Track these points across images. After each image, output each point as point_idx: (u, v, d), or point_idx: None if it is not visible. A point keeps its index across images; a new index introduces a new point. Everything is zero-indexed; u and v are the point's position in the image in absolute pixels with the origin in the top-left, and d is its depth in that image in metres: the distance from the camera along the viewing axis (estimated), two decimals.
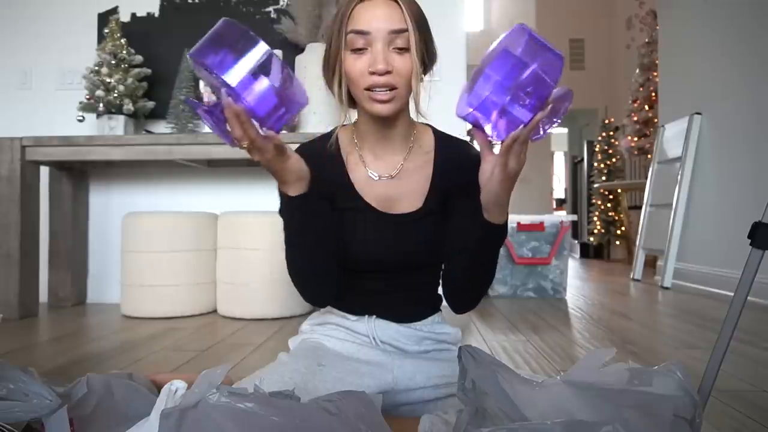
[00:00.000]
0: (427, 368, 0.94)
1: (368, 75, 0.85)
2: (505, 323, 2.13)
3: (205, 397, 0.55)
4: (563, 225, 2.90)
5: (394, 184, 0.96)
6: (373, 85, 0.85)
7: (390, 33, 0.85)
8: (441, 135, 1.01)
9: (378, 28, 0.85)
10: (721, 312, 2.38)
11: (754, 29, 2.84)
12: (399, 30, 0.85)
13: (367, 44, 0.86)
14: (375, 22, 0.85)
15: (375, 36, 0.85)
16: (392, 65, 0.85)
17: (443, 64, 2.58)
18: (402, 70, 0.86)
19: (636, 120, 4.97)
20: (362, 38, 0.85)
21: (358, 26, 0.85)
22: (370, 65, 0.85)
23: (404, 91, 0.88)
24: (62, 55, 2.68)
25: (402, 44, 0.86)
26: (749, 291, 0.85)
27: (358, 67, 0.86)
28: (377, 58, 0.84)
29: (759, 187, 2.75)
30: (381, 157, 0.97)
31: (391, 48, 0.86)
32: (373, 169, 0.97)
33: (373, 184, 0.96)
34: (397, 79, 0.86)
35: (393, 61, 0.85)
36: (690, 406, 0.59)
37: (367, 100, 0.87)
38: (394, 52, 0.86)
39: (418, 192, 0.96)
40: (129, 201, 2.63)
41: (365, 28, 0.85)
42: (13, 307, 2.15)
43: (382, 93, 0.86)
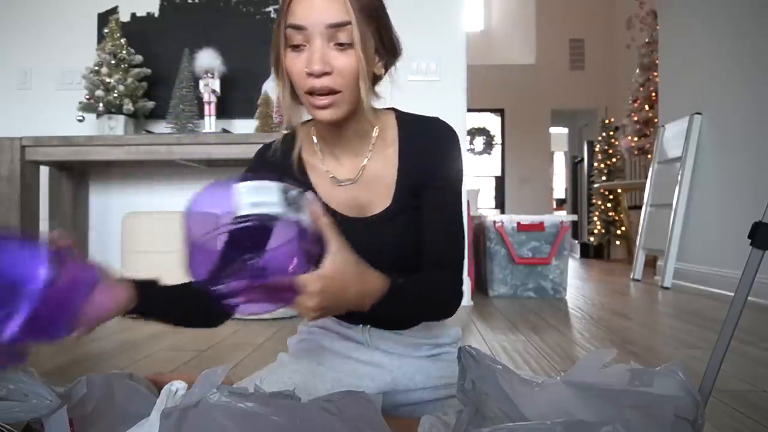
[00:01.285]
0: (427, 369, 0.94)
1: (306, 76, 0.76)
2: (505, 323, 2.13)
3: (205, 397, 0.55)
4: (563, 225, 2.90)
5: (359, 187, 0.89)
6: (312, 89, 0.76)
7: (328, 27, 0.75)
8: (404, 120, 0.91)
9: (314, 23, 0.75)
10: (721, 312, 2.37)
11: (754, 29, 2.84)
12: (339, 24, 0.75)
13: (306, 40, 0.76)
14: (312, 16, 0.75)
15: (311, 31, 0.75)
16: (332, 65, 0.75)
17: (443, 64, 2.61)
18: (344, 70, 0.76)
19: (636, 120, 4.97)
20: (299, 34, 0.76)
21: (294, 20, 0.76)
22: (306, 65, 0.76)
23: (349, 94, 0.78)
24: (62, 55, 2.68)
25: (344, 39, 0.75)
26: (749, 291, 0.85)
27: (297, 66, 0.77)
28: (313, 57, 0.75)
29: (759, 187, 2.74)
30: (341, 159, 0.89)
31: (332, 44, 0.76)
32: (334, 173, 0.89)
33: (337, 189, 0.89)
34: (338, 81, 0.76)
35: (333, 59, 0.76)
36: (692, 407, 0.59)
37: (308, 105, 0.79)
38: (334, 49, 0.76)
39: (387, 190, 0.88)
40: (129, 201, 2.63)
41: (301, 23, 0.75)
42: None
43: (321, 98, 0.77)
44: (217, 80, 2.40)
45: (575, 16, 7.20)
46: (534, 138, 7.50)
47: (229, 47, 2.51)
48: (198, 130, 2.40)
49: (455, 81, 2.58)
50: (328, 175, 0.89)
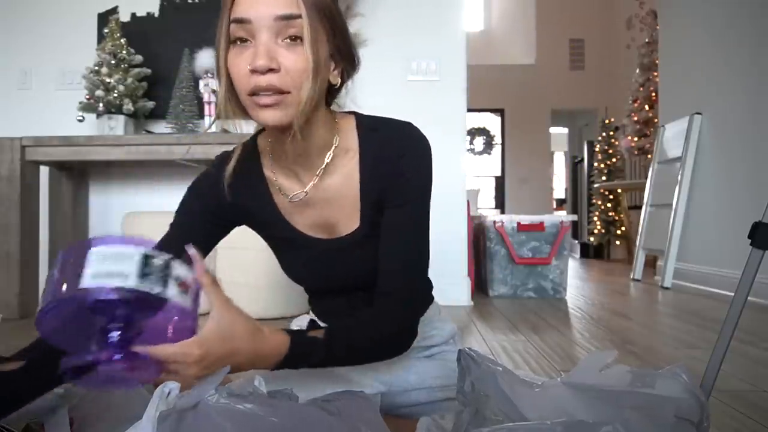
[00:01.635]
0: (421, 369, 0.92)
1: (250, 75, 0.68)
2: (505, 323, 2.13)
3: (204, 397, 0.55)
4: (563, 225, 2.90)
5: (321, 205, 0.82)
6: (256, 87, 0.68)
7: (276, 19, 0.68)
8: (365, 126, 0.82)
9: (261, 15, 0.68)
10: (721, 312, 2.37)
11: (754, 29, 2.84)
12: (287, 16, 0.68)
13: (250, 35, 0.69)
14: (258, 7, 0.68)
15: (257, 24, 0.68)
16: (278, 61, 0.68)
17: (443, 64, 2.60)
18: (292, 68, 0.68)
19: (636, 120, 4.97)
20: (242, 28, 0.69)
21: (237, 13, 0.69)
22: (250, 62, 0.68)
23: (297, 96, 0.69)
24: (62, 55, 2.68)
25: (293, 33, 0.69)
26: (749, 291, 0.85)
27: (239, 65, 0.69)
28: (257, 51, 0.67)
29: (759, 187, 2.74)
30: (299, 174, 0.81)
31: (280, 39, 0.69)
32: (289, 189, 0.82)
33: (299, 209, 0.83)
34: (285, 80, 0.68)
35: (280, 56, 0.68)
36: (696, 409, 0.59)
37: (252, 107, 0.71)
38: (282, 46, 0.69)
39: (352, 208, 0.81)
40: (129, 201, 2.63)
41: (245, 15, 0.68)
42: (13, 307, 2.15)
43: (266, 97, 0.69)
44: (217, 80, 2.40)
45: (575, 16, 7.20)
46: (534, 138, 7.50)
47: None
48: (198, 130, 2.39)
49: (455, 81, 2.58)
50: (280, 191, 0.82)
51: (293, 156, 0.80)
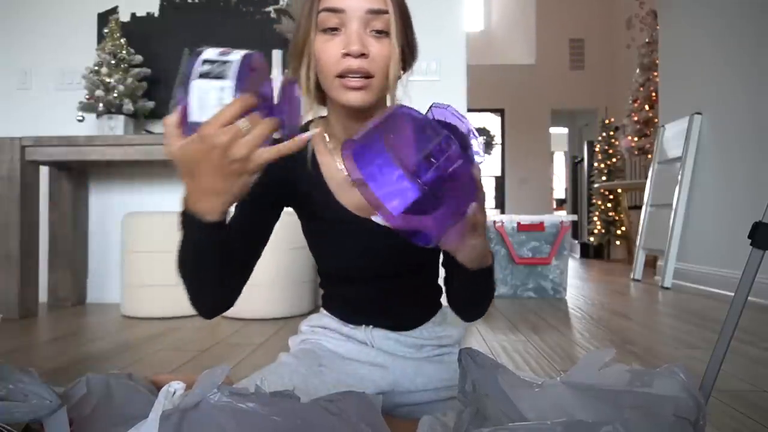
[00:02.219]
0: (428, 371, 0.93)
1: (341, 59, 0.75)
2: (505, 323, 2.13)
3: (206, 397, 0.55)
4: (563, 225, 2.90)
5: None
6: (347, 70, 0.75)
7: (368, 12, 0.76)
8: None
9: (354, 6, 0.76)
10: (721, 312, 2.38)
11: (754, 29, 2.84)
12: (378, 10, 0.76)
13: (341, 24, 0.76)
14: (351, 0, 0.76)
15: (350, 15, 0.76)
16: (368, 49, 0.76)
17: (443, 64, 2.60)
18: (378, 57, 0.76)
19: (636, 120, 4.97)
20: (335, 17, 0.76)
21: (331, 3, 0.76)
22: (344, 47, 0.75)
23: (380, 81, 0.78)
24: (62, 55, 2.68)
25: (381, 26, 0.77)
26: (749, 291, 0.85)
27: (330, 50, 0.76)
28: (351, 38, 0.75)
29: (759, 187, 2.75)
30: None
31: (368, 30, 0.77)
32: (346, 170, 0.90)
33: (351, 189, 0.86)
34: (372, 66, 0.76)
35: (369, 44, 0.76)
36: (693, 408, 0.59)
37: (338, 88, 0.77)
38: (370, 36, 0.77)
39: None
40: (129, 201, 2.63)
41: (339, 5, 0.76)
42: (13, 307, 2.15)
43: (356, 80, 0.76)
44: None
45: (575, 16, 7.20)
46: (534, 138, 7.50)
47: (229, 47, 2.50)
48: None
49: (455, 81, 2.59)
50: (342, 173, 0.86)
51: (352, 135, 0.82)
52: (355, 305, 0.95)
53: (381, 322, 0.94)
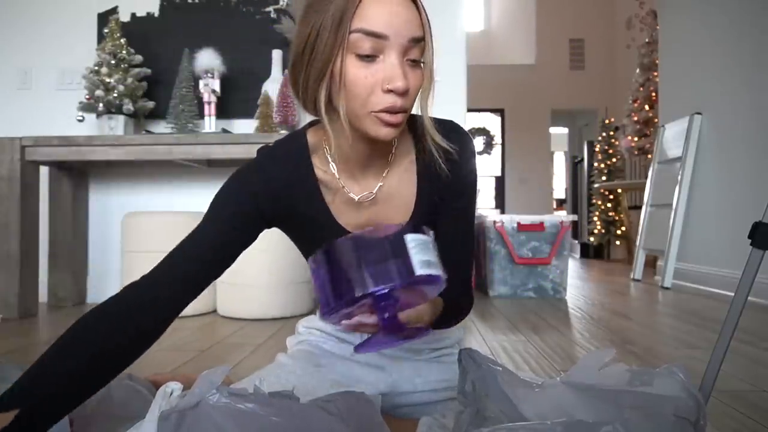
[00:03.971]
0: (427, 371, 0.93)
1: (381, 93, 0.67)
2: (505, 323, 2.13)
3: (205, 397, 0.55)
4: (563, 225, 2.90)
5: (377, 207, 0.82)
6: (389, 108, 0.67)
7: (410, 41, 0.67)
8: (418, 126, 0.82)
9: (398, 33, 0.66)
10: (721, 312, 2.37)
11: (754, 29, 2.84)
12: (419, 38, 0.68)
13: (378, 51, 0.67)
14: (395, 24, 0.66)
15: (393, 42, 0.66)
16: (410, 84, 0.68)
17: (443, 64, 2.60)
18: (414, 89, 0.70)
19: (636, 120, 4.97)
20: (373, 42, 0.66)
21: (371, 26, 0.66)
22: (387, 81, 0.67)
23: (409, 112, 0.73)
24: (62, 55, 2.68)
25: (416, 56, 0.69)
26: (749, 291, 0.85)
27: (366, 80, 0.67)
28: (396, 72, 0.67)
29: (759, 187, 2.74)
30: (357, 177, 0.81)
31: (405, 59, 0.69)
32: (352, 191, 0.81)
33: (352, 209, 0.82)
34: (410, 101, 0.70)
35: (408, 76, 0.69)
36: (693, 408, 0.59)
37: (373, 122, 0.69)
38: (407, 65, 0.69)
39: (405, 207, 0.82)
40: (129, 201, 2.63)
41: (382, 31, 0.66)
42: (13, 307, 2.15)
43: (395, 116, 0.69)
44: (217, 80, 2.40)
45: (575, 16, 7.20)
46: (534, 138, 7.50)
47: (229, 47, 2.51)
48: (198, 130, 2.39)
49: (455, 81, 2.58)
50: (345, 192, 0.80)
51: (361, 158, 0.79)
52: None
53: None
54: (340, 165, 0.80)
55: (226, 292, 2.24)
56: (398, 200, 0.83)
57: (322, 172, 0.81)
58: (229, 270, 0.82)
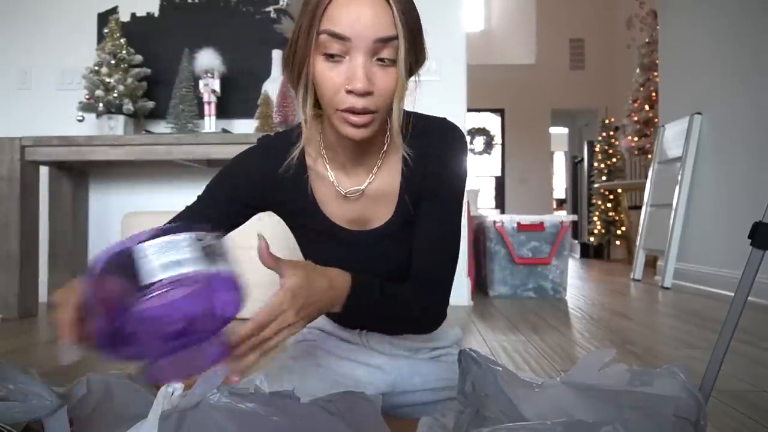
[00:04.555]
0: (426, 371, 0.93)
1: (344, 94, 0.69)
2: (505, 323, 2.13)
3: (205, 397, 0.55)
4: (563, 225, 2.90)
5: (365, 200, 0.83)
6: (350, 108, 0.69)
7: (375, 42, 0.68)
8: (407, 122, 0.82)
9: (361, 35, 0.67)
10: (721, 312, 2.38)
11: (754, 29, 2.84)
12: (387, 38, 0.68)
13: (345, 51, 0.68)
14: (358, 26, 0.67)
15: (356, 44, 0.67)
16: (374, 85, 0.69)
17: (443, 64, 2.60)
18: (384, 90, 0.70)
19: (636, 120, 4.98)
20: (339, 43, 0.67)
21: (334, 27, 0.67)
22: (348, 81, 0.68)
23: (382, 114, 0.73)
24: (62, 55, 2.68)
25: (388, 55, 0.69)
26: (749, 291, 0.85)
27: (332, 80, 0.69)
28: (356, 74, 0.67)
29: (759, 187, 2.74)
30: (348, 170, 0.83)
31: (374, 59, 0.69)
32: (341, 184, 0.82)
33: (340, 202, 0.83)
34: (377, 102, 0.70)
35: (375, 77, 0.69)
36: (693, 408, 0.59)
37: (339, 121, 0.71)
38: (376, 65, 0.69)
39: (390, 202, 0.83)
40: (129, 201, 2.63)
41: (344, 32, 0.67)
42: (13, 307, 2.15)
43: (359, 117, 0.70)
44: (217, 80, 2.40)
45: (575, 16, 7.20)
46: (534, 138, 7.50)
47: (229, 47, 2.51)
48: (198, 130, 2.39)
49: (455, 81, 2.58)
50: (334, 186, 0.82)
51: (351, 154, 0.81)
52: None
53: (371, 327, 0.94)
54: (331, 158, 0.83)
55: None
56: (384, 197, 0.84)
57: (313, 163, 0.84)
58: None
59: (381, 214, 0.84)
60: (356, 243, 0.85)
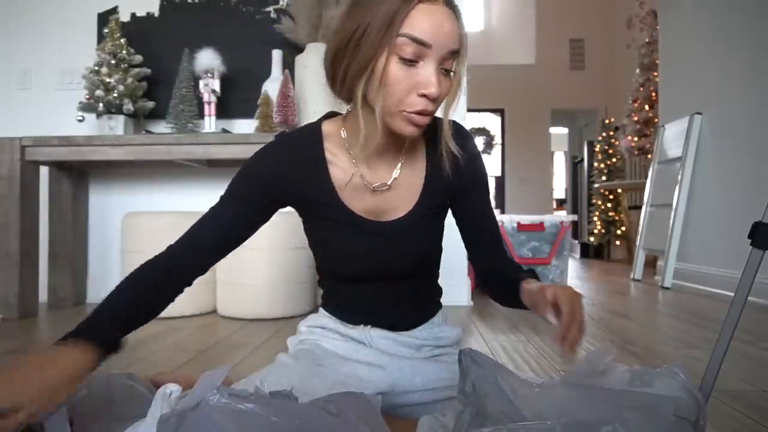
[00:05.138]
0: (427, 370, 0.93)
1: (416, 97, 0.74)
2: (505, 323, 2.13)
3: (205, 398, 0.55)
4: (563, 225, 2.90)
5: (386, 193, 0.88)
6: (422, 110, 0.74)
7: (449, 52, 0.74)
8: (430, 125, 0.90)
9: (440, 44, 0.72)
10: (721, 312, 2.37)
11: (754, 29, 2.84)
12: (455, 50, 0.75)
13: (420, 57, 0.73)
14: (439, 36, 0.72)
15: (433, 52, 0.73)
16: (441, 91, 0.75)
17: None
18: (443, 96, 0.77)
19: (636, 120, 4.97)
20: (417, 48, 0.72)
21: (418, 33, 0.71)
22: (423, 86, 0.73)
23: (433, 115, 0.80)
24: (62, 55, 2.68)
25: (449, 66, 0.76)
26: (749, 291, 0.85)
27: (406, 82, 0.73)
28: (432, 80, 0.73)
29: (759, 187, 2.74)
30: (372, 165, 0.87)
31: (440, 68, 0.75)
32: (366, 179, 0.87)
33: (362, 194, 0.87)
34: (437, 106, 0.77)
35: (441, 84, 0.75)
36: (693, 407, 0.59)
37: (401, 120, 0.76)
38: (441, 73, 0.75)
39: (411, 195, 0.89)
40: (129, 201, 2.63)
41: (427, 40, 0.72)
42: (13, 307, 2.15)
43: (423, 118, 0.76)
44: (217, 80, 2.40)
45: (575, 16, 7.20)
46: (534, 138, 7.50)
47: (229, 47, 2.51)
48: (198, 130, 2.39)
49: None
50: (358, 178, 0.87)
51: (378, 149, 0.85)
52: (355, 305, 0.95)
53: (380, 322, 0.95)
54: (357, 153, 0.85)
55: (226, 292, 2.24)
56: (405, 190, 0.89)
57: (333, 157, 0.87)
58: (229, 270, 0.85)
59: (400, 206, 0.89)
60: (376, 233, 0.88)
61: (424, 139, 0.91)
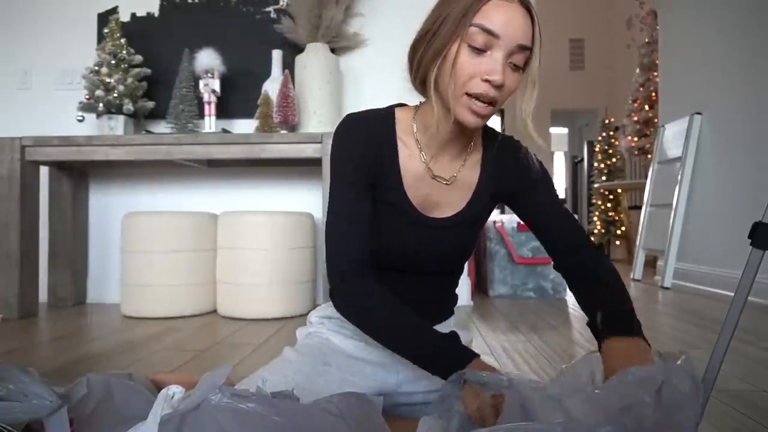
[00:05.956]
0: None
1: (480, 81, 0.77)
2: (505, 323, 2.13)
3: (207, 398, 0.55)
4: None
5: (445, 188, 0.91)
6: (482, 95, 0.77)
7: (517, 46, 0.77)
8: (487, 131, 0.97)
9: (509, 36, 0.76)
10: (721, 312, 2.38)
11: (754, 29, 2.84)
12: (525, 46, 0.78)
13: (488, 46, 0.77)
14: (509, 28, 0.76)
15: (502, 43, 0.76)
16: (505, 81, 0.78)
17: None
18: (508, 88, 0.80)
19: (636, 120, 4.97)
20: (487, 38, 0.76)
21: (489, 24, 0.76)
22: (487, 72, 0.76)
23: (496, 109, 0.82)
24: (62, 55, 2.68)
25: (518, 62, 0.79)
26: (749, 291, 0.85)
27: (472, 68, 0.77)
28: (496, 67, 0.76)
29: (759, 187, 2.74)
30: (438, 158, 0.90)
31: (508, 61, 0.78)
32: (432, 169, 0.90)
33: (421, 184, 0.90)
34: (502, 96, 0.80)
35: (506, 76, 0.78)
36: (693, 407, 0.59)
37: (463, 106, 0.79)
38: (509, 67, 0.78)
39: (463, 197, 0.92)
40: (129, 201, 2.63)
41: (497, 30, 0.76)
42: (13, 307, 2.15)
43: (484, 106, 0.79)
44: (217, 80, 2.40)
45: (575, 16, 7.20)
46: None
47: (229, 47, 2.51)
48: (198, 130, 2.39)
49: None
50: (424, 166, 0.89)
51: (443, 142, 0.89)
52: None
53: None
54: (426, 142, 0.89)
55: (226, 292, 2.24)
56: (460, 191, 0.92)
57: (402, 143, 0.90)
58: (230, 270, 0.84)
59: (451, 204, 0.92)
60: (423, 225, 0.90)
61: (482, 145, 0.95)
